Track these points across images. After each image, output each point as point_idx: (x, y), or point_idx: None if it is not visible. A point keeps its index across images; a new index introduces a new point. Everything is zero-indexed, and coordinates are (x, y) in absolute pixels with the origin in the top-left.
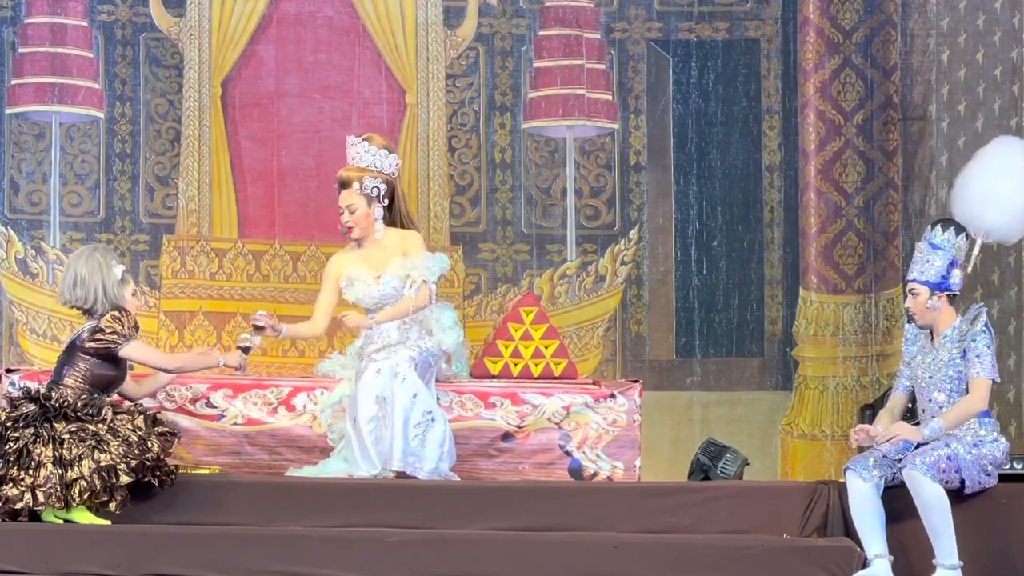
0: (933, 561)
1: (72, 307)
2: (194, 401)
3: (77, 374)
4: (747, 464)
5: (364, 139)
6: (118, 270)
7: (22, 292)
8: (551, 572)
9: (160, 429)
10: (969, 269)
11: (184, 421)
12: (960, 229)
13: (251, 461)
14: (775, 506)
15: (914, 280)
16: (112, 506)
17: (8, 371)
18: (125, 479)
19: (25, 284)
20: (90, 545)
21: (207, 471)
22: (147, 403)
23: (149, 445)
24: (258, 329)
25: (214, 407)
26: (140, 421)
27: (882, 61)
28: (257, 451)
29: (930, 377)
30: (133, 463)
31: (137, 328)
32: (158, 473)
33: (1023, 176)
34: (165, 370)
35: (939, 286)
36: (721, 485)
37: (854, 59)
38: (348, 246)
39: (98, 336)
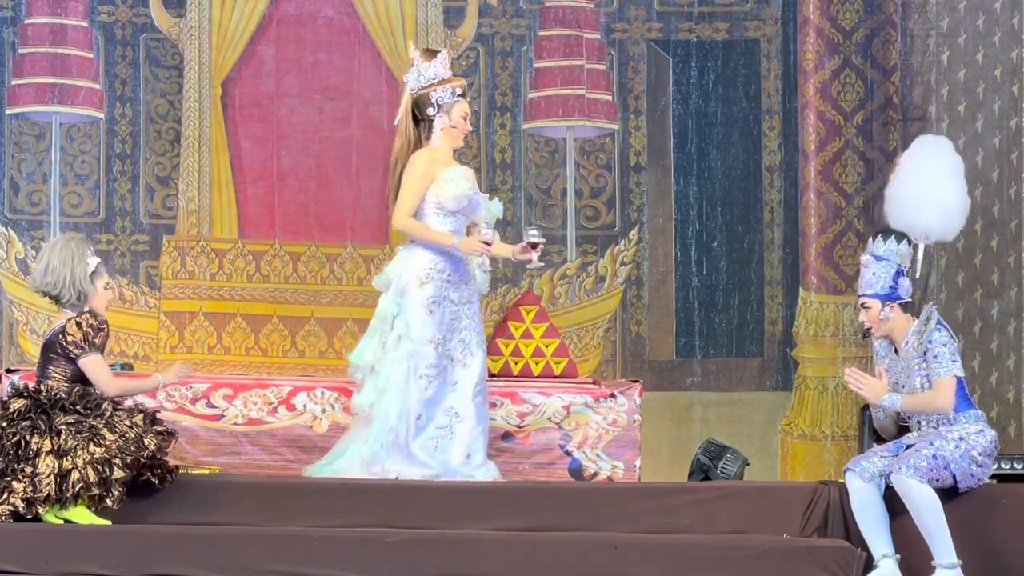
0: (932, 562)
1: (41, 293)
2: (194, 401)
3: (57, 373)
4: (747, 464)
5: None
6: (92, 261)
7: (22, 292)
8: (551, 572)
9: (158, 428)
10: (917, 275)
11: (184, 421)
12: (901, 237)
13: (251, 461)
14: (775, 506)
15: (863, 295)
16: (108, 501)
17: (8, 371)
18: (119, 473)
19: (25, 284)
20: (90, 545)
21: (207, 471)
22: (148, 403)
23: (145, 443)
24: (534, 247)
25: (214, 407)
26: (139, 419)
27: (882, 61)
28: (257, 451)
29: (902, 387)
30: (128, 459)
31: (104, 337)
32: (157, 471)
33: (949, 172)
34: (105, 393)
35: (889, 296)
36: (721, 485)
37: (854, 59)
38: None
39: (62, 339)
